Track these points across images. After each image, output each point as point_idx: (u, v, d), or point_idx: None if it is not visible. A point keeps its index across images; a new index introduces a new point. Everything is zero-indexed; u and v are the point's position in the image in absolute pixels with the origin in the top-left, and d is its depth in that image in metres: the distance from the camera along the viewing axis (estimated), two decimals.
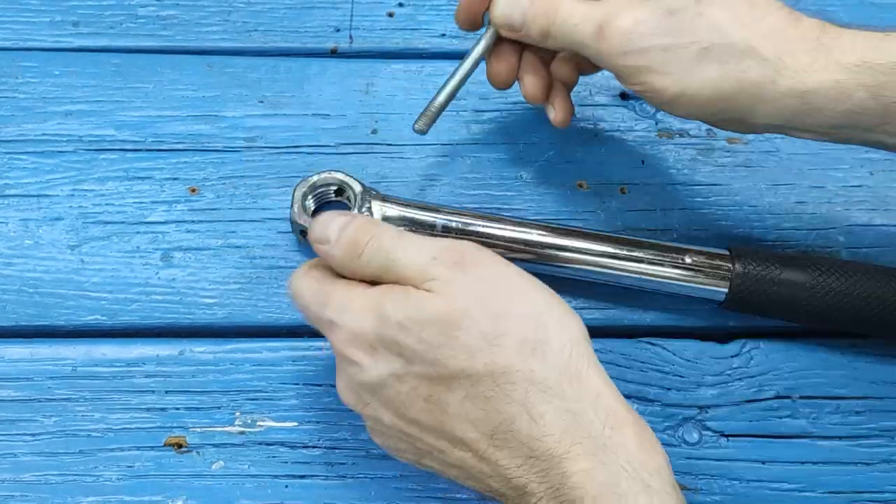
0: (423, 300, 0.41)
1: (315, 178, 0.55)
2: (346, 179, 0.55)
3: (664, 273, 0.53)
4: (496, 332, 0.40)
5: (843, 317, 0.52)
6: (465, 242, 0.44)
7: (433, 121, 0.53)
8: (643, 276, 0.53)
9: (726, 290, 0.52)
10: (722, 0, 0.46)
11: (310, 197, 0.55)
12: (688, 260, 0.53)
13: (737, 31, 0.45)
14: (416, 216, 0.54)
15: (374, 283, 0.44)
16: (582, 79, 0.57)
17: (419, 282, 0.42)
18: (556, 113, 0.55)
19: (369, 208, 0.54)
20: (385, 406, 0.43)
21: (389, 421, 0.43)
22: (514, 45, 0.54)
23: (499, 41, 0.53)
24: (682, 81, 0.46)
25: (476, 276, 0.42)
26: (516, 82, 0.55)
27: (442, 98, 0.52)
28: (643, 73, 0.47)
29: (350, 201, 0.55)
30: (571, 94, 0.57)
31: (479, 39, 0.53)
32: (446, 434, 0.42)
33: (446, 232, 0.53)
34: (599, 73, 0.58)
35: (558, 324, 0.41)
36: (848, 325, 0.53)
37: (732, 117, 0.48)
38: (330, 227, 0.44)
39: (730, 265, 0.52)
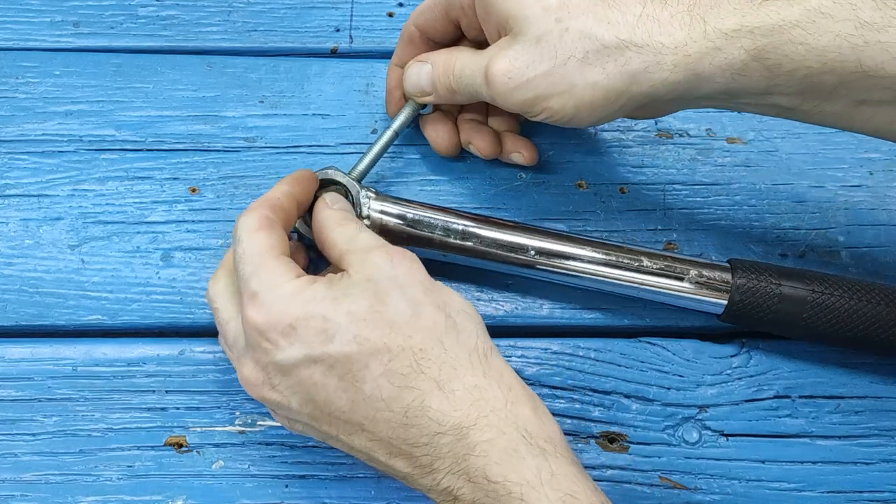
0: (352, 281, 0.45)
1: None
2: (344, 179, 0.55)
3: (663, 284, 0.52)
4: (413, 313, 0.44)
5: (843, 336, 0.51)
6: (396, 247, 0.48)
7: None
8: (641, 287, 0.53)
9: (725, 303, 0.52)
10: (580, 11, 0.47)
11: None
12: (688, 273, 0.52)
13: (605, 32, 0.47)
14: (416, 216, 0.53)
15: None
16: None
17: (359, 256, 0.46)
18: (522, 154, 0.58)
19: (369, 208, 0.54)
20: (293, 389, 0.44)
21: (297, 406, 0.45)
22: (447, 116, 0.59)
23: (431, 117, 0.59)
24: (574, 95, 0.48)
25: (406, 269, 0.46)
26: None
27: (363, 166, 0.55)
28: (537, 101, 0.49)
29: (348, 199, 0.55)
30: None
31: (399, 113, 0.57)
32: (356, 417, 0.44)
33: (446, 234, 0.53)
34: None
35: (464, 315, 0.46)
36: (847, 343, 0.52)
37: (638, 105, 0.49)
38: (339, 201, 0.52)
39: (729, 278, 0.52)
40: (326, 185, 0.55)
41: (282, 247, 0.47)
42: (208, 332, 0.55)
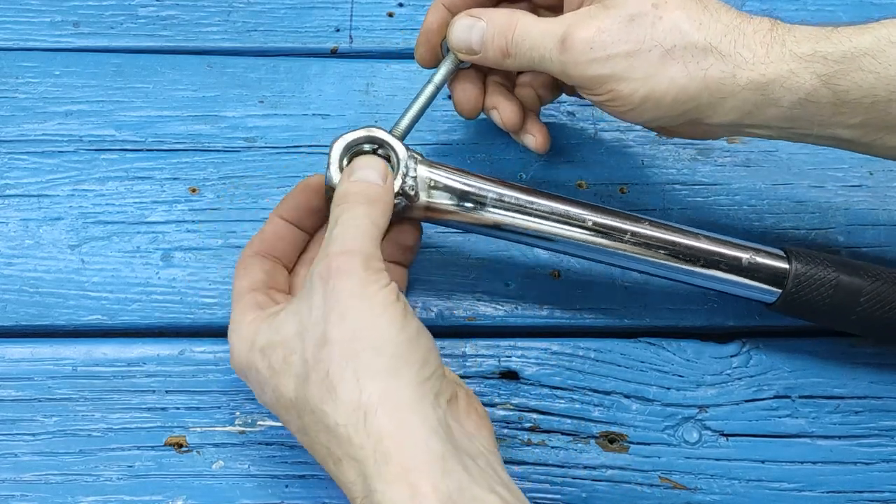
0: (283, 323, 0.44)
1: (352, 135, 0.49)
2: (389, 139, 0.49)
3: (718, 270, 0.50)
4: (313, 360, 0.41)
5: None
6: (339, 257, 0.43)
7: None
8: (694, 272, 0.50)
9: (780, 291, 0.51)
10: (678, 4, 0.47)
11: (346, 157, 0.49)
12: (742, 259, 0.50)
13: (695, 32, 0.47)
14: (467, 185, 0.50)
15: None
16: None
17: (310, 270, 0.44)
18: (535, 138, 0.56)
19: (415, 176, 0.49)
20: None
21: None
22: (476, 75, 0.55)
23: (461, 72, 0.55)
24: (648, 84, 0.47)
25: (332, 288, 0.42)
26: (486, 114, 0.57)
27: (404, 123, 0.52)
28: (609, 81, 0.48)
29: (391, 164, 0.49)
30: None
31: (440, 67, 0.53)
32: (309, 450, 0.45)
33: (496, 208, 0.50)
34: None
35: (371, 349, 0.41)
36: None
37: (694, 118, 0.49)
38: (360, 169, 0.47)
39: (785, 266, 0.50)
40: (369, 142, 0.50)
41: (255, 282, 0.49)
42: (208, 332, 0.55)
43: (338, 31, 0.65)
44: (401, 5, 0.66)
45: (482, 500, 0.39)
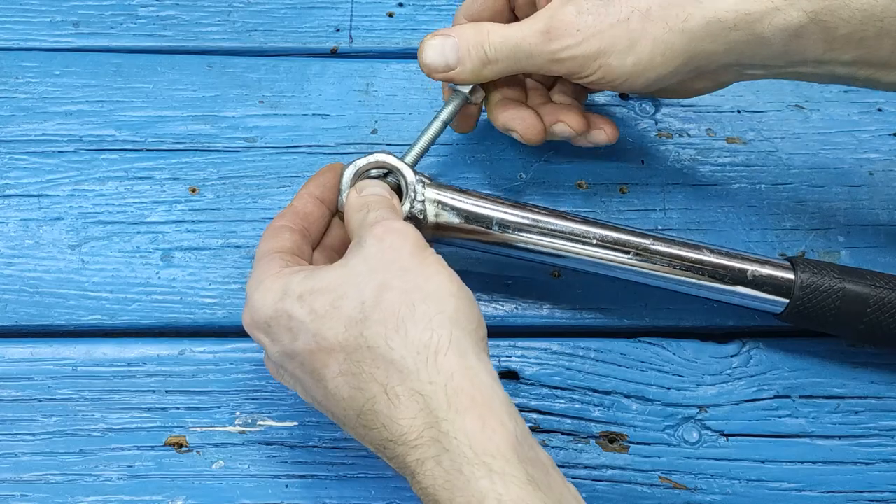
0: (324, 273, 0.44)
1: (362, 162, 0.51)
2: (398, 164, 0.51)
3: (724, 283, 0.51)
4: (373, 302, 0.42)
5: None
6: (393, 221, 0.45)
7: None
8: (700, 284, 0.51)
9: (786, 301, 0.51)
10: None
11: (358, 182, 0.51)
12: (748, 271, 0.51)
13: None
14: (472, 206, 0.51)
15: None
16: None
17: (355, 239, 0.46)
18: (605, 132, 0.56)
19: (423, 200, 0.50)
20: (292, 380, 0.46)
21: (302, 393, 0.46)
22: (515, 102, 0.55)
23: (513, 109, 0.54)
24: (635, 51, 0.48)
25: (389, 245, 0.44)
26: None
27: (410, 158, 0.53)
28: (598, 57, 0.48)
29: (400, 189, 0.51)
30: None
31: (447, 103, 0.54)
32: (331, 409, 0.44)
33: (503, 228, 0.51)
34: None
35: (435, 301, 0.42)
36: None
37: (690, 70, 0.49)
38: (370, 186, 0.49)
39: (790, 276, 0.51)
40: (378, 168, 0.51)
41: (282, 246, 0.47)
42: (208, 332, 0.55)
43: (338, 31, 0.65)
44: (401, 5, 0.66)
45: (538, 454, 0.41)
